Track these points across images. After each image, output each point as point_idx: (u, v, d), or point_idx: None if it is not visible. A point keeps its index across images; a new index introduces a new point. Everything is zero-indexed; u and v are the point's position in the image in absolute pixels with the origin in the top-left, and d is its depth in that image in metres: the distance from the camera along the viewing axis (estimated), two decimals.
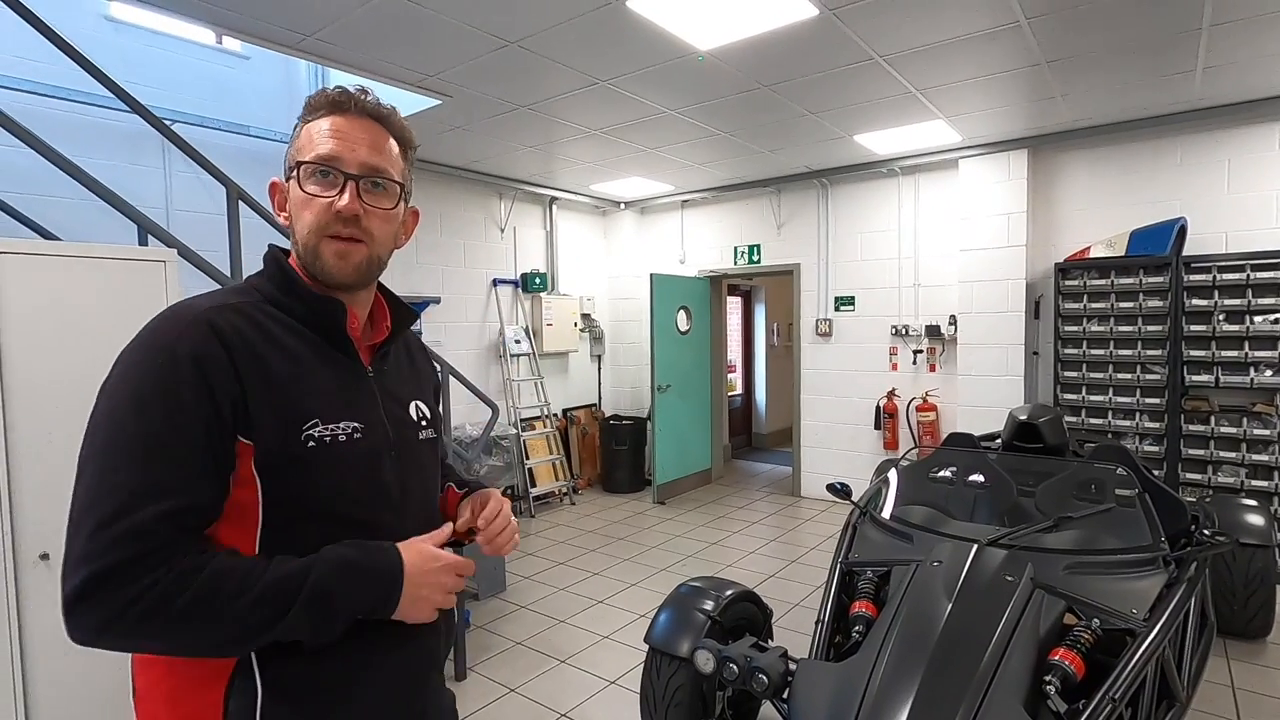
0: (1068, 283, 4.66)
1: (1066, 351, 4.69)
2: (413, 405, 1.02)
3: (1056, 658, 1.85)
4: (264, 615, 0.78)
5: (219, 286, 3.06)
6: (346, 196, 0.88)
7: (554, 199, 6.57)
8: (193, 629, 0.76)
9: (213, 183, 3.23)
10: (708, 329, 6.95)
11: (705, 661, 2.03)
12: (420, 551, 0.90)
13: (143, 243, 2.86)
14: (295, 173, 0.89)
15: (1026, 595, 1.98)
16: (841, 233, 6.01)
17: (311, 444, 0.84)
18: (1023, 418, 3.16)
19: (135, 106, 3.04)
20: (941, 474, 2.97)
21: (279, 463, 0.83)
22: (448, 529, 0.97)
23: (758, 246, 6.52)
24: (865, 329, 5.91)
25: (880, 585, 2.30)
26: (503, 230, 6.18)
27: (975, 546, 2.17)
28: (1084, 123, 4.58)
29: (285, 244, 0.98)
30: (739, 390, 8.98)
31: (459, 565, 0.92)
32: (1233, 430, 4.17)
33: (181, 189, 4.09)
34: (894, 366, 5.75)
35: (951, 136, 4.83)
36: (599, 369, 7.24)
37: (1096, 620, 1.96)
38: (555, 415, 6.58)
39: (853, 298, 5.97)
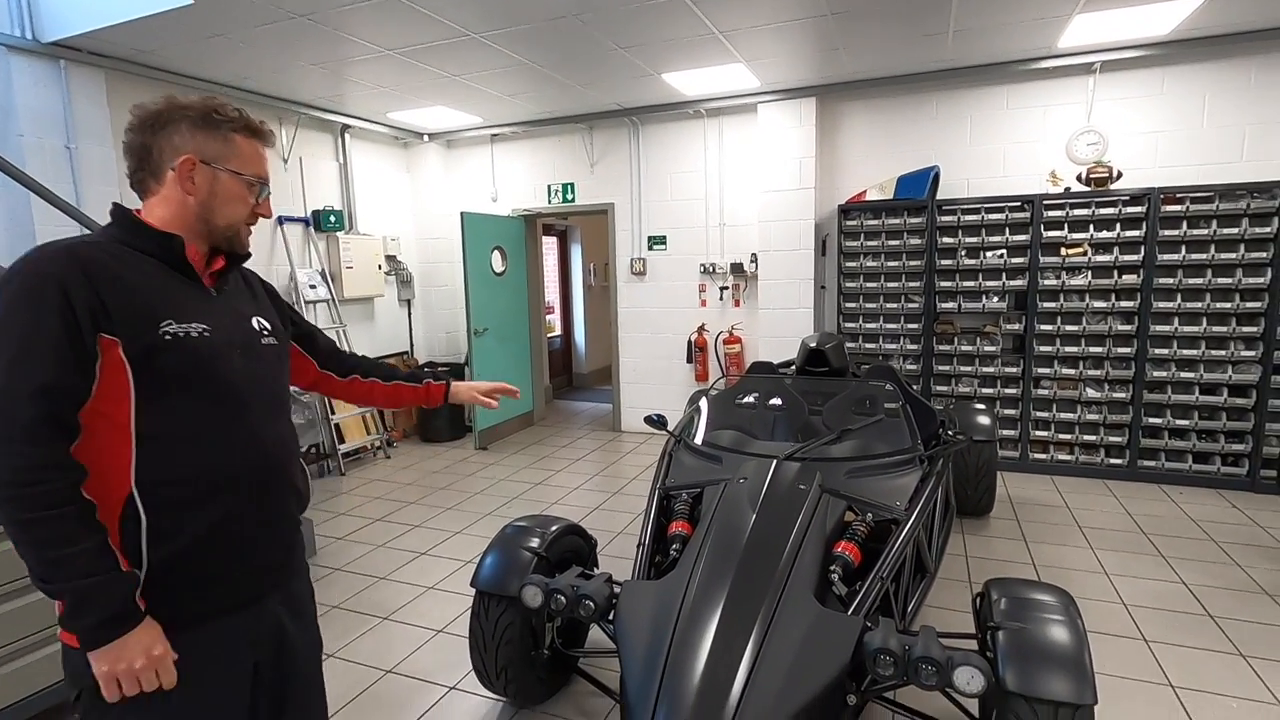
0: (848, 223, 5.19)
1: (847, 285, 5.26)
2: (254, 319, 1.34)
3: (839, 550, 2.14)
4: (46, 572, 1.03)
5: None
6: (269, 207, 1.33)
7: (346, 127, 5.92)
8: (23, 532, 1.02)
9: None
10: (524, 270, 6.82)
11: (533, 596, 2.06)
12: (148, 634, 1.09)
13: None
14: (237, 176, 1.24)
15: (816, 500, 2.25)
16: (653, 173, 6.12)
17: (168, 337, 1.14)
18: (812, 345, 3.53)
19: None
20: (746, 399, 3.23)
21: (143, 351, 1.11)
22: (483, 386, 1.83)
23: (572, 185, 6.45)
24: (677, 267, 6.15)
25: (695, 505, 2.47)
26: (286, 161, 5.46)
27: (775, 462, 2.41)
28: (861, 75, 5.03)
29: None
30: (558, 331, 8.99)
31: (151, 663, 1.08)
32: (969, 348, 4.99)
33: None
34: (703, 303, 6.08)
35: (751, 81, 5.06)
36: (409, 314, 6.82)
37: (870, 514, 2.29)
38: None
39: (665, 237, 6.16)
